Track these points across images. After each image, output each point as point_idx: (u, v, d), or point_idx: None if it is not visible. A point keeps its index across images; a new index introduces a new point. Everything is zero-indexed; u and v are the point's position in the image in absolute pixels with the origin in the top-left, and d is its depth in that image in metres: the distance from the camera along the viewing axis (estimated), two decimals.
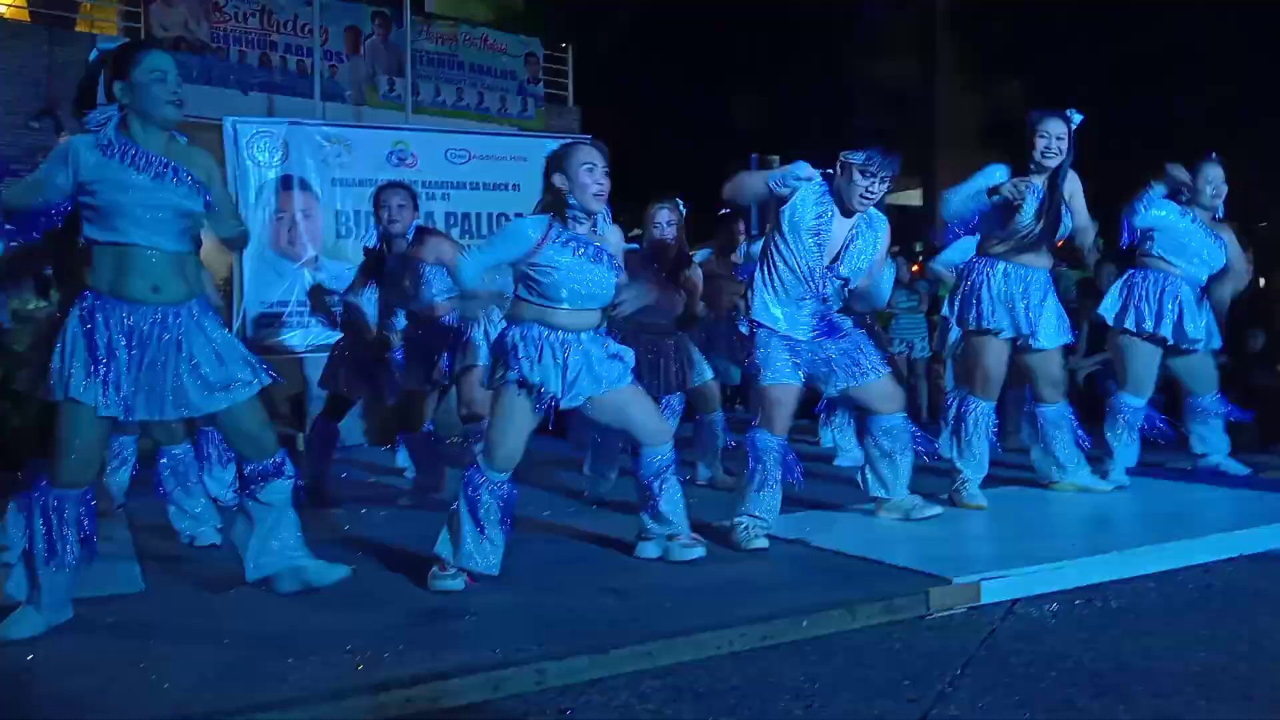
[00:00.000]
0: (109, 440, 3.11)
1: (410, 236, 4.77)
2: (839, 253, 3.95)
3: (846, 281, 4.03)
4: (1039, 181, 4.43)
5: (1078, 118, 4.44)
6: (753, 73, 19.31)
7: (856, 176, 3.84)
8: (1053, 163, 4.42)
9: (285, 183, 7.32)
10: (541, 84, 11.91)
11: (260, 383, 3.13)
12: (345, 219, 7.42)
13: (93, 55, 3.02)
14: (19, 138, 9.11)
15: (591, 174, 3.43)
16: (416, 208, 4.89)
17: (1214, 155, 5.01)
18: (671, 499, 3.64)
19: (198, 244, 3.12)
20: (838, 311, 4.15)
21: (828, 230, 3.91)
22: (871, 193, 3.87)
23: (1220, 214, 5.09)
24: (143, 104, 2.93)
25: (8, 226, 2.99)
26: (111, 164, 2.88)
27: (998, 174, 4.42)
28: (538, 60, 11.86)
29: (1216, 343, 5.13)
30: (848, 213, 3.93)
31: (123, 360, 2.89)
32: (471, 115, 11.05)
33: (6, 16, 9.49)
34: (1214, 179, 4.97)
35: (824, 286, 3.96)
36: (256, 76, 10.04)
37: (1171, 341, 4.97)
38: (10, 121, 9.08)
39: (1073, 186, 4.52)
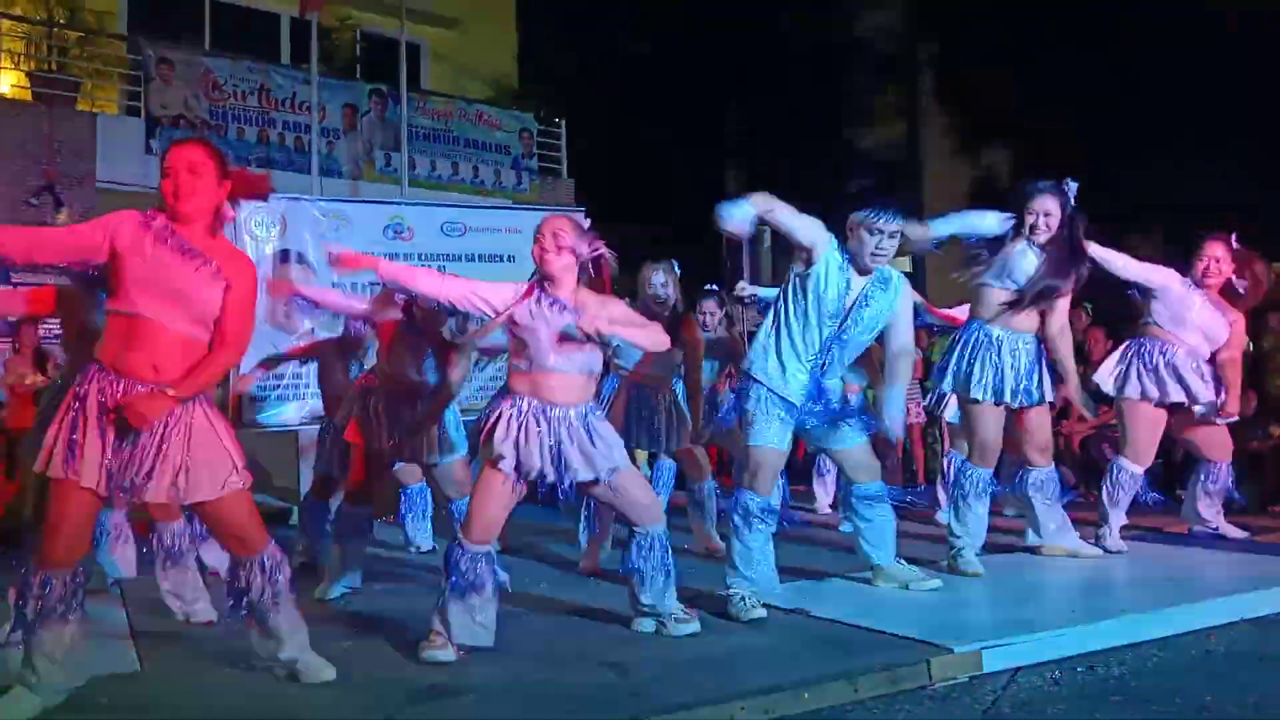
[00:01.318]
0: (95, 517, 3.08)
1: None
2: (847, 315, 3.95)
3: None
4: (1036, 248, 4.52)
5: (1073, 186, 4.54)
6: (744, 140, 19.65)
7: (864, 235, 3.87)
8: (1041, 239, 4.51)
9: (283, 256, 7.37)
10: (535, 157, 12.08)
11: (242, 483, 3.03)
12: (342, 291, 7.47)
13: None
14: (19, 214, 9.19)
15: (538, 244, 3.52)
16: None
17: (1218, 232, 5.10)
18: (656, 589, 3.61)
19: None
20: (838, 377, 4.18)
21: (845, 297, 3.94)
22: (883, 249, 3.86)
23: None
24: (162, 199, 3.00)
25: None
26: (144, 240, 2.93)
27: (988, 221, 4.50)
28: (531, 135, 12.04)
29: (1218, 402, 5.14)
30: (862, 273, 3.95)
31: (112, 435, 2.88)
32: (467, 189, 11.19)
33: (9, 96, 9.64)
34: (1217, 254, 5.03)
35: (829, 351, 3.99)
36: (255, 153, 10.16)
37: (1171, 401, 5.00)
38: (10, 198, 9.17)
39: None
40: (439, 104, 11.49)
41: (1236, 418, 5.18)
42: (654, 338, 3.56)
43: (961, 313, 5.08)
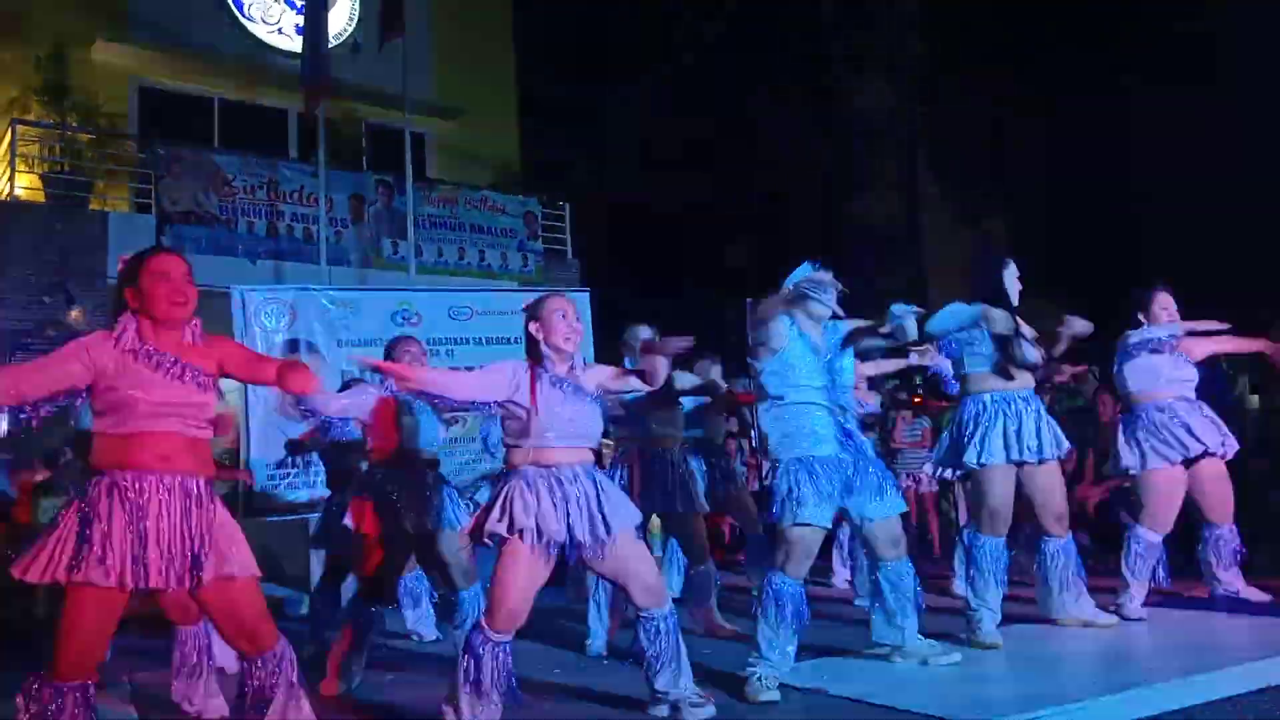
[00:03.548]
0: (115, 623, 3.01)
1: None
2: (829, 364, 4.07)
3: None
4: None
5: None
6: (745, 218, 19.93)
7: (811, 291, 4.06)
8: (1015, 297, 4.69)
9: (293, 346, 7.46)
10: (540, 240, 12.26)
11: (254, 574, 3.01)
12: (351, 378, 7.52)
13: (117, 266, 3.13)
14: (32, 312, 9.34)
15: (564, 320, 3.56)
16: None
17: (1164, 283, 5.20)
18: (668, 674, 3.55)
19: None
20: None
21: (817, 347, 4.06)
22: (828, 300, 4.09)
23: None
24: (149, 305, 2.97)
25: (23, 414, 3.03)
26: (123, 361, 2.91)
27: (965, 314, 4.57)
28: (536, 218, 12.24)
29: (1227, 448, 5.12)
30: (814, 327, 4.10)
31: (128, 530, 2.83)
32: (474, 273, 11.35)
33: (23, 198, 9.86)
34: (1167, 305, 5.13)
35: (832, 400, 4.02)
36: (264, 245, 10.34)
37: (1193, 455, 4.99)
38: (23, 298, 9.32)
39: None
40: (444, 191, 11.72)
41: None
42: (647, 378, 3.65)
43: None
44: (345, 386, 5.69)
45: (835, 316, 4.14)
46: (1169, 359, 5.10)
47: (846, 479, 3.99)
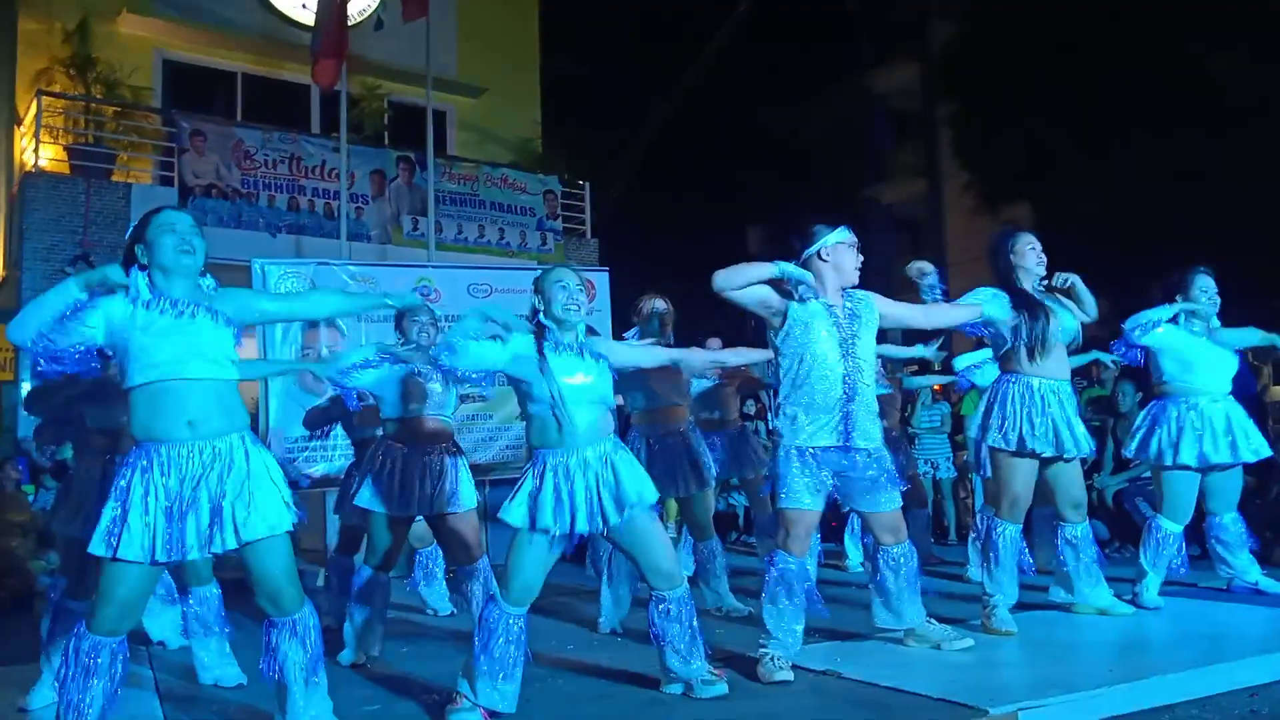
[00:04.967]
0: (150, 590, 3.08)
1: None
2: (850, 340, 3.96)
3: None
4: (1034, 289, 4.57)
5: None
6: (765, 202, 19.84)
7: (848, 253, 4.01)
8: (1043, 268, 4.57)
9: (311, 321, 7.47)
10: (560, 219, 12.23)
11: (292, 520, 3.07)
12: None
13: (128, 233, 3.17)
14: (55, 283, 9.39)
15: (565, 290, 3.56)
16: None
17: (1205, 267, 5.10)
18: (680, 654, 3.56)
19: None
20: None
21: (834, 324, 3.96)
22: (858, 261, 4.03)
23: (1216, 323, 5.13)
24: (156, 256, 3.03)
25: (40, 366, 3.09)
26: (139, 312, 2.97)
27: (988, 297, 4.52)
28: (556, 197, 12.21)
29: (1254, 454, 5.03)
30: (835, 296, 4.01)
31: (161, 504, 2.89)
32: (493, 251, 11.34)
33: (48, 169, 9.92)
34: (1208, 288, 5.04)
35: (850, 381, 3.94)
36: (285, 219, 10.37)
37: (1197, 466, 4.95)
38: (47, 268, 9.39)
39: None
40: (465, 169, 11.71)
41: None
42: (653, 354, 3.70)
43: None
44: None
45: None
46: (1208, 347, 5.04)
47: (841, 470, 3.96)
